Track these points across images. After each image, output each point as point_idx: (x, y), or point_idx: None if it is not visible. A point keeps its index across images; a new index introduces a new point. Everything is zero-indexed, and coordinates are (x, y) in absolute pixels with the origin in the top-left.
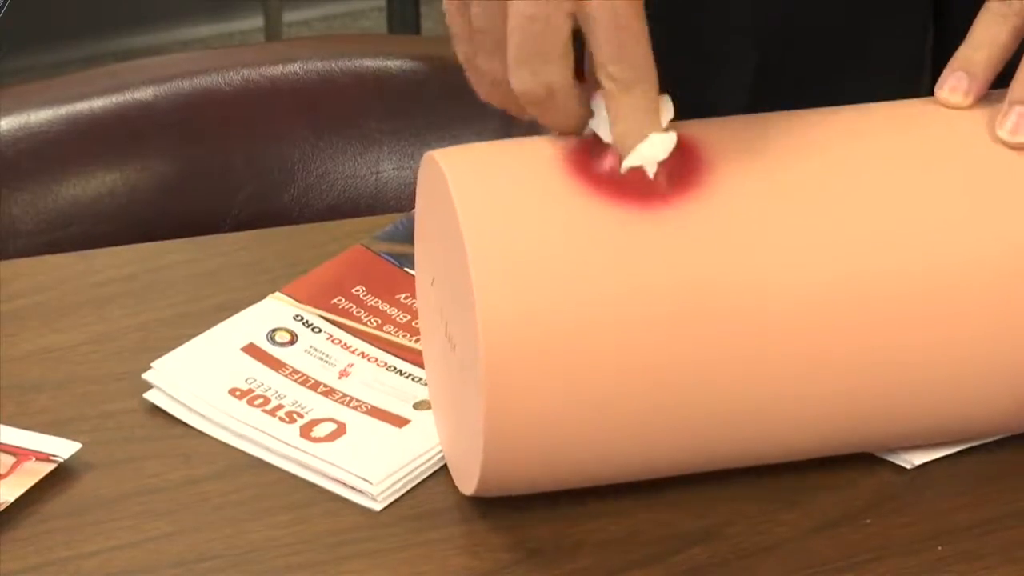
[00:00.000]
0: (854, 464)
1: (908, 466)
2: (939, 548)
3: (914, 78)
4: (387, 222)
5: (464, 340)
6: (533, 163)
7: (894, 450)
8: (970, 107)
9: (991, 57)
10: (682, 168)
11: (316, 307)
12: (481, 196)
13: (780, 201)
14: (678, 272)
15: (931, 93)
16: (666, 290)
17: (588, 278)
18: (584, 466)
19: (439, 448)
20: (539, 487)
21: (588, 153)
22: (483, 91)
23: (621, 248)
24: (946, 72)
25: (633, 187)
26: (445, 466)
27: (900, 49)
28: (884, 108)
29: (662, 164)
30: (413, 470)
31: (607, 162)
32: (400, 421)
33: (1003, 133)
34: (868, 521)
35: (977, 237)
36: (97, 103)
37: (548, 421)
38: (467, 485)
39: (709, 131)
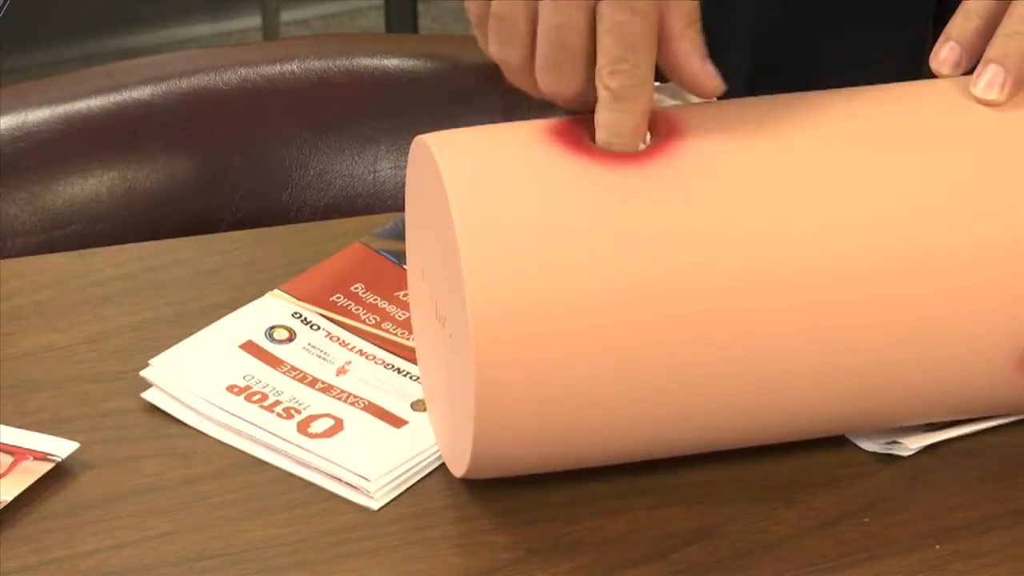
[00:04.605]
0: (852, 463)
1: (905, 453)
2: (937, 547)
3: (915, 68)
4: (385, 220)
5: (454, 313)
6: (517, 133)
7: (889, 435)
8: (962, 76)
9: (980, 27)
10: (661, 138)
11: (315, 304)
12: (466, 168)
13: (758, 166)
14: (656, 229)
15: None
16: (646, 250)
17: (577, 246)
18: (576, 438)
19: (435, 448)
20: (532, 463)
21: (572, 126)
22: (505, 72)
23: (609, 213)
24: (939, 43)
25: (618, 157)
26: (443, 464)
27: (900, 42)
28: (873, 89)
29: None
30: (411, 468)
31: (590, 133)
32: (398, 421)
33: (976, 90)
34: (866, 520)
35: (965, 212)
36: (95, 102)
37: (539, 389)
38: (460, 463)
39: (692, 109)
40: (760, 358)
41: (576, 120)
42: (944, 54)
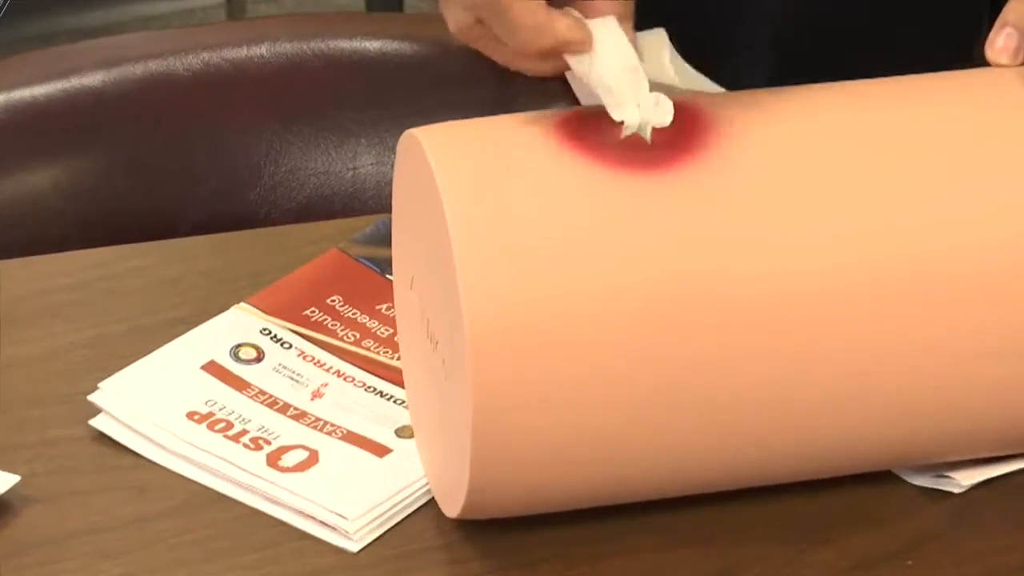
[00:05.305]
0: (894, 497)
1: (957, 490)
2: None
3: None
4: (366, 223)
5: (447, 330)
6: (520, 128)
7: (937, 468)
8: (1019, 66)
9: None
10: (684, 135)
11: (286, 319)
12: (462, 166)
13: (787, 169)
14: (678, 242)
15: None
16: (665, 264)
17: (586, 258)
18: (583, 473)
19: (424, 480)
20: (535, 502)
21: (580, 122)
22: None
23: (623, 225)
24: (995, 29)
25: (631, 154)
26: (431, 500)
27: (941, 45)
28: (910, 80)
29: (662, 130)
30: (395, 504)
31: (601, 130)
32: (381, 450)
33: (990, 52)
34: (910, 562)
35: (1005, 222)
36: (40, 90)
37: (542, 416)
38: (454, 501)
39: (716, 100)
40: (788, 382)
41: (585, 114)
42: (1001, 42)
